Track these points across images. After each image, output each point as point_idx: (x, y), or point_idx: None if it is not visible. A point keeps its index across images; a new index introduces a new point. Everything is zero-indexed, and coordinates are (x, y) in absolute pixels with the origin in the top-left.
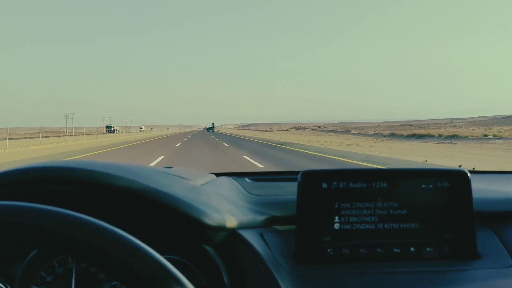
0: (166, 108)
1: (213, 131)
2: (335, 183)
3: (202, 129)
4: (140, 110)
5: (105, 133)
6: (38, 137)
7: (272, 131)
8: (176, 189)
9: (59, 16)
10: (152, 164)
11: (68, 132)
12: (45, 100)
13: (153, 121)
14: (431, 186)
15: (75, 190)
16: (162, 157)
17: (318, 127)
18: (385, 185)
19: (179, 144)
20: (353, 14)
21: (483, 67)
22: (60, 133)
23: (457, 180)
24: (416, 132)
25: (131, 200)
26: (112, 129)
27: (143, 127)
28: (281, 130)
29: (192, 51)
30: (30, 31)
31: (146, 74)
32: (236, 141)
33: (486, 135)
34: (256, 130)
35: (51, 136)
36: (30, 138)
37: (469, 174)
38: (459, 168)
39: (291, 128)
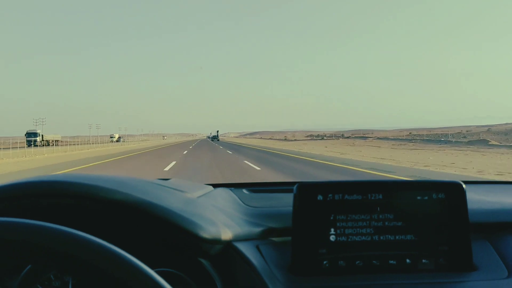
0: (167, 117)
1: (218, 140)
2: (330, 195)
3: (205, 137)
4: (141, 118)
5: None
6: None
7: (291, 140)
8: (171, 202)
9: (59, 23)
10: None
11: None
12: (43, 108)
13: (151, 129)
14: (426, 197)
15: (70, 203)
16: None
17: (342, 134)
18: (381, 197)
19: None
20: (356, 22)
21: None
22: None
23: (452, 192)
24: None
25: (127, 214)
26: (37, 139)
27: (116, 135)
28: (311, 139)
29: (193, 58)
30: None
31: (146, 83)
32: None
33: None
34: (270, 139)
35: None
36: None
37: (464, 186)
38: (454, 179)
39: (307, 136)
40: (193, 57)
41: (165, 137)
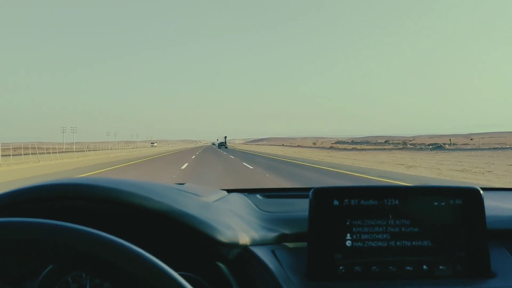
0: (170, 124)
1: (226, 147)
2: (346, 200)
3: (210, 144)
4: (143, 123)
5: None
6: None
7: (326, 147)
8: (189, 206)
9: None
10: None
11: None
12: (40, 113)
13: (149, 135)
14: (443, 203)
15: (90, 206)
16: None
17: (386, 141)
18: (397, 202)
19: None
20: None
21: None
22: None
23: (469, 198)
24: None
25: (146, 217)
26: None
27: None
28: (353, 149)
29: (196, 61)
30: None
31: (148, 88)
32: None
33: None
34: (299, 146)
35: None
36: None
37: (481, 192)
38: (472, 185)
39: (335, 143)
40: (197, 63)
41: (155, 144)
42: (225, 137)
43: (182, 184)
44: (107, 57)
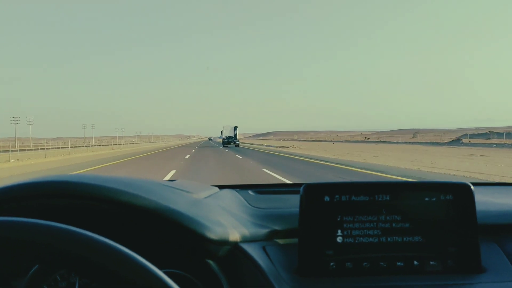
0: (164, 118)
1: (238, 145)
2: (337, 196)
3: (207, 140)
4: (136, 119)
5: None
6: None
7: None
8: (179, 203)
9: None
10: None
11: None
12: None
13: (140, 130)
14: (434, 199)
15: (77, 204)
16: None
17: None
18: (388, 198)
19: None
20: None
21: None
22: None
23: (460, 193)
24: None
25: (134, 215)
26: None
27: None
28: None
29: (193, 51)
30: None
31: (143, 84)
32: None
33: None
34: (383, 142)
35: None
36: None
37: (472, 187)
38: (462, 180)
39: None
40: (191, 56)
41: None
42: (235, 128)
43: (173, 180)
44: (93, 53)
